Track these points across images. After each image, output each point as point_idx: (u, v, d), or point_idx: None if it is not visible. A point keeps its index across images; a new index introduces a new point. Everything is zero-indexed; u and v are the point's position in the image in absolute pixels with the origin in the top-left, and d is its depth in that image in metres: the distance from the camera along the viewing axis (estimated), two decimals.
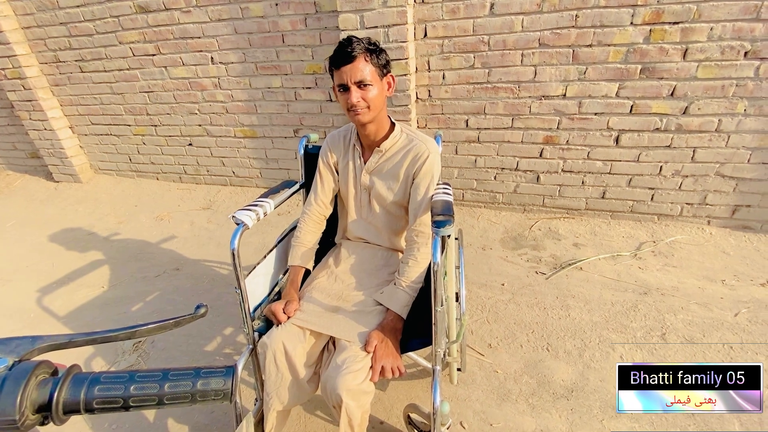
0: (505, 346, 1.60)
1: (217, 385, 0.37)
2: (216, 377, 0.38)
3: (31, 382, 0.34)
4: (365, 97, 1.05)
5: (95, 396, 0.35)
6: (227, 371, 0.38)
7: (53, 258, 2.51)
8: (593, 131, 2.10)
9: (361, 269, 1.27)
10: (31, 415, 0.34)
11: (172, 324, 0.43)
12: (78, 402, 0.35)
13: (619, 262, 2.00)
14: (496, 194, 2.44)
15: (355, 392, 0.95)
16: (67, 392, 0.35)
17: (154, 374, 0.37)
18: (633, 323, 1.64)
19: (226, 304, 1.95)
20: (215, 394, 0.37)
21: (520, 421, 1.32)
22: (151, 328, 0.42)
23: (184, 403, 0.37)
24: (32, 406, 0.34)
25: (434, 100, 2.27)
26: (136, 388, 0.36)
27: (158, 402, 0.36)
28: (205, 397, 0.37)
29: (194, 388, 0.37)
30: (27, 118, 3.26)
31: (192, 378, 0.37)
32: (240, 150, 2.94)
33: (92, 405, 0.35)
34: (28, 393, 0.34)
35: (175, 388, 0.37)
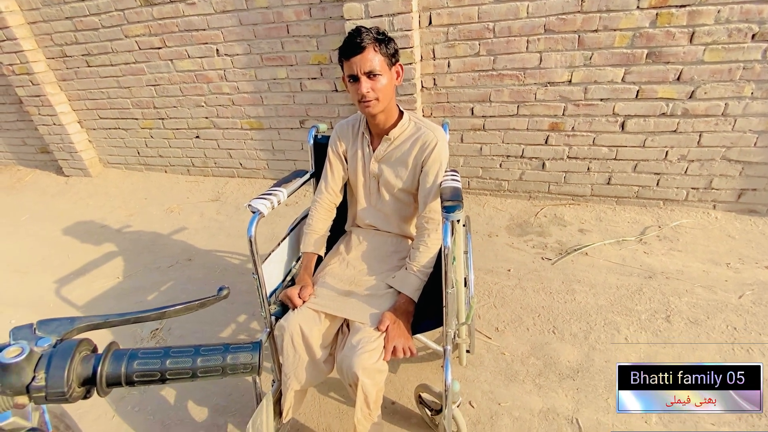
0: (511, 329, 1.63)
1: (245, 359, 0.40)
2: (244, 352, 0.40)
3: (76, 358, 0.37)
4: (375, 88, 1.07)
5: (135, 370, 0.38)
6: (254, 346, 0.41)
7: (68, 251, 2.57)
8: (599, 117, 2.10)
9: (371, 255, 1.31)
10: (77, 388, 0.37)
11: (197, 305, 0.46)
12: (119, 375, 0.38)
13: (624, 247, 2.02)
14: (501, 182, 2.46)
15: (370, 371, 0.99)
16: (109, 366, 0.38)
17: (187, 350, 0.40)
18: (638, 306, 1.67)
19: (239, 292, 2.00)
20: (244, 367, 0.40)
21: (527, 400, 1.36)
22: (179, 308, 0.46)
23: (215, 376, 0.40)
24: (78, 379, 0.37)
25: (439, 89, 2.28)
26: (172, 362, 0.39)
27: (192, 375, 0.39)
28: (234, 370, 0.40)
29: (224, 362, 0.40)
30: (36, 114, 3.31)
31: (222, 353, 0.40)
32: (247, 142, 2.97)
33: (132, 378, 0.38)
34: (74, 367, 0.36)
35: (207, 362, 0.39)
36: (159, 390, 1.54)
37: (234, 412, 1.43)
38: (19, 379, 0.35)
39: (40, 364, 0.36)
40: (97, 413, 1.47)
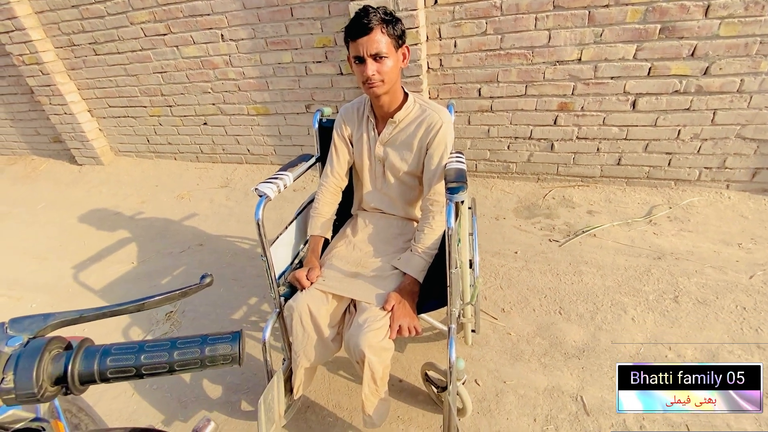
0: (518, 310, 1.65)
1: (224, 351, 0.39)
2: (223, 343, 0.39)
3: (45, 357, 0.36)
4: (380, 70, 1.06)
5: (108, 366, 0.37)
6: (233, 337, 0.39)
7: (83, 237, 2.64)
8: (609, 96, 2.06)
9: (377, 238, 1.32)
10: (50, 387, 0.36)
11: (179, 294, 0.45)
12: (92, 373, 0.37)
13: (633, 228, 2.00)
14: (509, 164, 2.43)
15: (376, 348, 1.02)
16: (80, 364, 0.37)
17: (162, 344, 0.39)
18: (645, 287, 1.67)
19: (249, 276, 2.04)
20: (224, 359, 0.39)
21: (533, 379, 1.38)
22: (159, 299, 0.44)
23: (194, 368, 0.38)
24: (49, 379, 0.36)
25: (446, 70, 2.25)
26: (147, 357, 0.38)
27: (169, 369, 0.38)
28: (214, 362, 0.38)
29: (203, 354, 0.38)
30: (47, 103, 3.35)
31: (199, 345, 0.38)
32: (254, 128, 2.98)
33: (106, 375, 0.37)
34: (44, 367, 0.35)
35: (184, 355, 0.38)
36: None
37: (247, 389, 1.48)
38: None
39: (8, 364, 0.35)
40: (116, 392, 1.54)
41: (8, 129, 3.97)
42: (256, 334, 1.72)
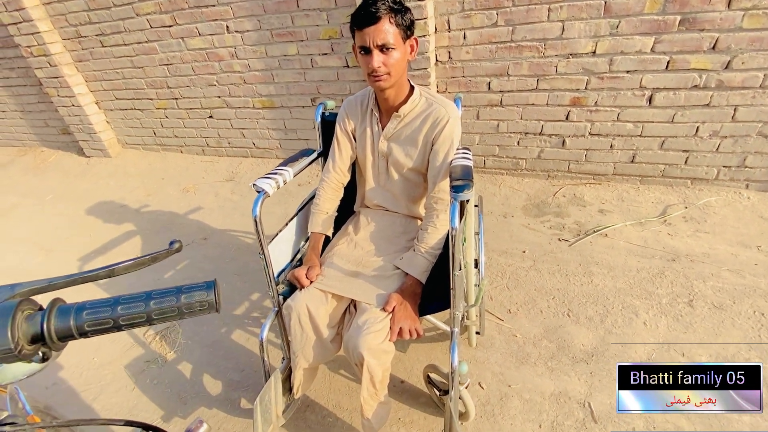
0: (525, 311, 1.60)
1: (200, 297, 0.39)
2: (198, 291, 0.40)
3: (18, 316, 0.37)
4: (387, 62, 1.01)
5: (85, 320, 0.38)
6: (208, 285, 0.40)
7: (90, 229, 2.65)
8: (624, 91, 1.98)
9: (380, 236, 1.28)
10: (27, 345, 0.37)
11: (149, 260, 0.45)
12: (69, 328, 0.38)
13: (646, 228, 1.93)
14: (519, 160, 2.37)
15: (376, 351, 0.98)
16: (55, 321, 0.38)
17: (137, 296, 0.39)
18: (659, 290, 1.61)
19: (252, 271, 2.02)
20: (200, 305, 0.39)
21: (539, 383, 1.34)
22: (128, 265, 0.44)
23: (172, 317, 0.39)
24: (25, 337, 0.37)
25: (454, 62, 2.19)
26: (123, 308, 0.38)
27: (147, 319, 0.39)
28: (191, 308, 0.39)
29: (179, 302, 0.39)
30: (55, 95, 3.36)
31: (175, 294, 0.39)
32: (259, 121, 2.95)
33: (84, 329, 0.38)
34: (18, 325, 0.36)
35: (160, 304, 0.39)
36: (175, 365, 1.59)
37: (247, 387, 1.46)
38: None
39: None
40: (117, 386, 1.54)
41: (18, 121, 4.00)
42: (256, 330, 1.70)
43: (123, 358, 1.65)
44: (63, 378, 1.61)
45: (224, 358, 1.59)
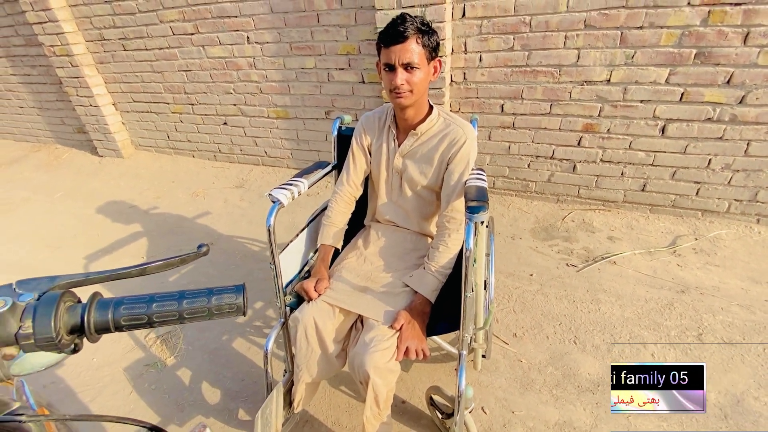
0: (530, 336, 1.58)
1: (229, 300, 0.41)
2: (228, 294, 0.41)
3: (61, 307, 0.38)
4: (410, 81, 1.03)
5: (122, 314, 0.39)
6: (237, 288, 0.42)
7: (98, 228, 2.66)
8: (637, 120, 1.99)
9: (389, 252, 1.28)
10: (66, 335, 0.38)
11: (178, 261, 0.47)
12: (107, 321, 0.39)
13: (656, 257, 1.92)
14: (528, 182, 2.38)
15: (382, 370, 0.97)
16: (95, 314, 0.39)
17: (171, 295, 0.41)
18: (667, 321, 1.59)
19: (256, 279, 2.02)
20: (229, 308, 0.41)
21: (543, 411, 1.31)
22: (159, 264, 0.46)
23: (201, 317, 0.41)
24: (65, 327, 0.38)
25: (469, 84, 2.22)
26: (158, 306, 0.40)
27: (179, 317, 0.40)
28: (220, 310, 0.41)
29: (209, 303, 0.41)
30: (74, 94, 3.43)
31: (206, 296, 0.41)
32: (272, 130, 2.99)
33: (120, 323, 0.40)
34: (60, 315, 0.38)
35: (192, 304, 0.40)
36: (175, 370, 1.57)
37: (245, 397, 1.44)
38: (5, 330, 0.36)
39: (25, 314, 0.37)
40: (115, 388, 1.52)
41: (35, 117, 4.07)
42: (259, 339, 1.68)
43: (122, 361, 1.64)
44: (61, 377, 1.59)
45: (224, 366, 1.58)
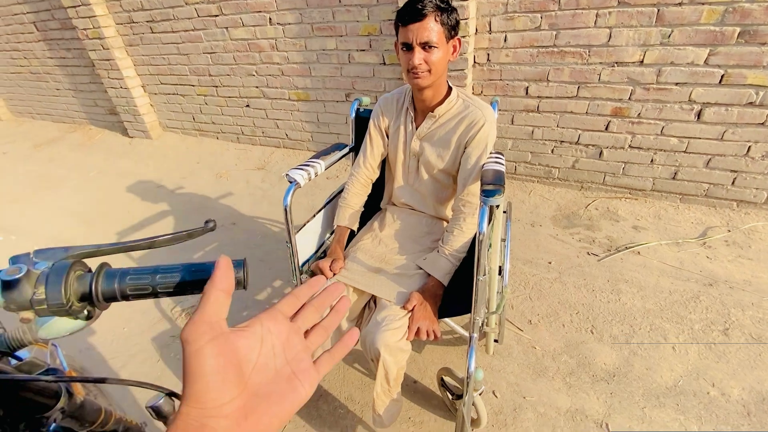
0: (546, 324, 1.57)
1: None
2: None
3: (71, 275, 0.40)
4: (428, 60, 1.00)
5: (128, 284, 0.41)
6: (238, 263, 0.42)
7: (128, 206, 2.78)
8: (671, 104, 1.89)
9: (404, 235, 1.28)
10: (76, 302, 0.41)
11: (185, 235, 0.48)
12: (114, 290, 0.41)
13: (683, 249, 1.84)
14: (551, 169, 2.31)
15: (392, 348, 0.99)
16: (103, 283, 0.41)
17: (175, 267, 0.42)
18: (692, 315, 1.53)
19: (276, 258, 2.07)
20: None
21: (555, 398, 1.31)
22: (167, 238, 0.47)
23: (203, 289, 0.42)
24: (75, 294, 0.40)
25: (493, 65, 2.15)
26: (161, 277, 0.41)
27: (182, 289, 0.42)
28: None
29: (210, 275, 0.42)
30: (106, 77, 3.54)
31: (208, 269, 0.42)
32: (293, 113, 3.01)
33: (126, 292, 0.41)
34: (70, 283, 0.40)
35: (195, 276, 0.42)
36: None
37: None
38: (21, 295, 0.39)
39: (39, 281, 0.39)
40: (144, 357, 1.61)
41: (70, 99, 4.24)
42: None
43: (150, 331, 1.73)
44: (95, 344, 1.70)
45: None
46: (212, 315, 0.29)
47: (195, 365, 0.27)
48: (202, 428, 0.26)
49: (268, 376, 0.30)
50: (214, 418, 0.26)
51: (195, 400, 0.27)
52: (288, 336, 0.32)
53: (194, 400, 0.27)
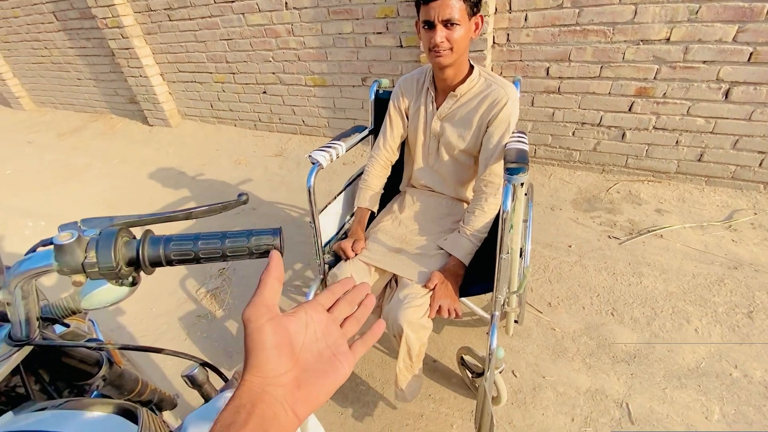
0: (566, 306, 1.57)
1: (267, 241, 0.43)
2: (266, 235, 0.44)
3: (119, 241, 0.42)
4: (450, 38, 1.00)
5: (172, 250, 0.43)
6: (275, 231, 0.44)
7: (151, 193, 2.85)
8: (698, 83, 1.83)
9: (425, 216, 1.29)
10: (125, 267, 0.43)
11: (220, 207, 0.50)
12: (159, 255, 0.43)
13: (708, 232, 1.81)
14: (572, 151, 2.27)
15: (414, 325, 1.01)
16: (148, 249, 0.43)
17: (215, 234, 0.44)
18: (715, 297, 1.51)
19: (295, 243, 2.11)
20: (267, 247, 0.44)
21: (575, 378, 1.32)
22: (203, 210, 0.49)
23: (242, 255, 0.44)
24: (123, 259, 0.42)
25: (512, 45, 2.11)
26: (203, 243, 0.43)
27: (222, 255, 0.44)
28: (259, 250, 0.44)
29: (249, 243, 0.44)
30: (125, 66, 3.60)
31: (246, 236, 0.44)
32: (310, 99, 3.02)
33: (170, 257, 0.43)
34: (119, 248, 0.42)
35: (234, 243, 0.44)
36: (223, 322, 1.71)
37: None
38: (73, 258, 0.41)
39: (89, 246, 0.42)
40: (171, 335, 1.68)
41: (92, 88, 4.33)
42: (298, 297, 1.78)
43: (177, 311, 1.80)
44: (125, 323, 1.78)
45: None
46: (268, 299, 0.34)
47: (257, 340, 0.32)
48: (263, 394, 0.30)
49: (313, 355, 0.35)
50: (272, 386, 0.31)
51: (257, 369, 0.31)
52: (327, 324, 0.37)
53: (257, 369, 0.31)
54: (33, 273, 0.44)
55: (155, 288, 1.92)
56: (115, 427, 0.50)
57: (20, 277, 0.45)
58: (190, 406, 1.33)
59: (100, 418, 0.50)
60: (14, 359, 0.52)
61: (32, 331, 0.51)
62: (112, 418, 0.51)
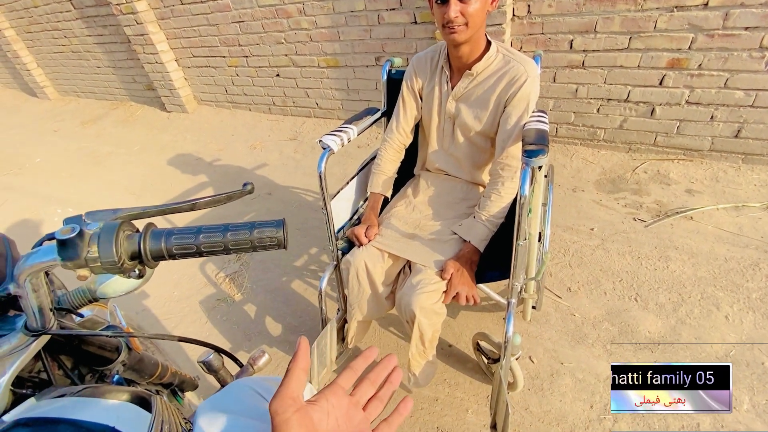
0: (586, 291, 1.52)
1: (270, 234, 0.43)
2: (269, 228, 0.43)
3: (121, 235, 0.42)
4: (465, 12, 0.93)
5: (173, 244, 0.43)
6: (278, 223, 0.43)
7: (170, 178, 2.91)
8: (739, 52, 1.69)
9: (439, 201, 1.26)
10: (127, 261, 0.42)
11: (225, 198, 0.49)
12: (161, 249, 0.43)
13: (743, 213, 1.70)
14: (596, 130, 2.16)
15: (427, 311, 0.99)
16: (150, 242, 0.43)
17: (217, 227, 0.43)
18: (749, 283, 1.43)
19: (311, 227, 2.11)
20: (270, 240, 0.43)
21: (594, 365, 1.29)
22: (208, 200, 0.49)
23: (245, 249, 0.43)
24: (126, 253, 0.42)
25: (533, 17, 1.99)
26: (204, 236, 0.43)
27: (224, 248, 0.43)
28: (262, 242, 0.43)
29: (251, 236, 0.43)
30: (141, 52, 3.62)
31: (248, 229, 0.43)
32: (323, 80, 2.97)
33: (172, 251, 0.43)
34: (120, 242, 0.42)
35: (236, 236, 0.43)
36: (242, 305, 1.74)
37: (304, 331, 1.57)
38: (75, 253, 0.41)
39: (92, 240, 0.41)
40: (193, 318, 1.73)
41: (110, 76, 4.39)
42: (314, 282, 1.79)
43: (198, 295, 1.84)
44: (149, 306, 1.84)
45: (284, 303, 1.72)
46: (294, 390, 0.35)
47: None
48: None
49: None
50: None
51: None
52: (347, 409, 0.37)
53: None
54: (38, 267, 0.44)
55: (177, 273, 1.97)
56: (128, 415, 0.51)
57: (27, 271, 0.45)
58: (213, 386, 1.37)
59: (114, 405, 0.51)
60: (32, 348, 0.53)
61: (47, 321, 0.52)
62: (126, 406, 0.52)
